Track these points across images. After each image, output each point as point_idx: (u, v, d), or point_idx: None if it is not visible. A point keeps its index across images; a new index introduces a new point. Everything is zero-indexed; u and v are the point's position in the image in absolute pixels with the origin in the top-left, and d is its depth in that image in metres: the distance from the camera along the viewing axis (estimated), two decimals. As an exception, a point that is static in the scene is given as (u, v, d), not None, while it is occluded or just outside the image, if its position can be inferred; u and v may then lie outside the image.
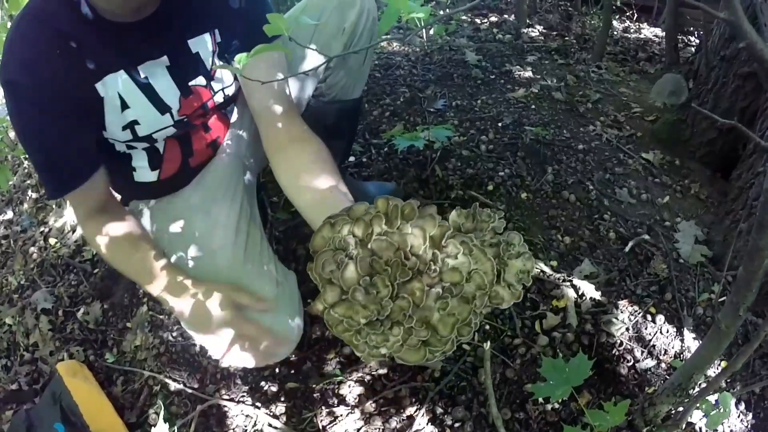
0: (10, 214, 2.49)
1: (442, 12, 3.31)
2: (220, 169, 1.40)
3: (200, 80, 1.25)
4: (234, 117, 1.46)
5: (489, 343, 1.16)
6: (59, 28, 1.03)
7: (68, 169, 1.15)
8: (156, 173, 1.35)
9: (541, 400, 1.45)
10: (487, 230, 0.86)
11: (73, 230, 2.18)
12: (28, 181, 2.59)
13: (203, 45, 1.23)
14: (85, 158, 1.17)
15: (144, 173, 1.34)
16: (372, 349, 0.78)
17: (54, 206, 2.35)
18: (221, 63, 1.26)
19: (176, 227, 1.31)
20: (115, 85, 1.13)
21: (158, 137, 1.26)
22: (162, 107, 1.21)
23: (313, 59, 1.41)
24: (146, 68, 1.16)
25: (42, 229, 2.29)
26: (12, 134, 2.80)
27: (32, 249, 2.23)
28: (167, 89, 1.20)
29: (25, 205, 2.48)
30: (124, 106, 1.15)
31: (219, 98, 1.32)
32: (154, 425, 1.52)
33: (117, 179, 1.33)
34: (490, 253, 0.82)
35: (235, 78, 1.32)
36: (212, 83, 1.28)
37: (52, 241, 2.18)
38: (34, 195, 2.49)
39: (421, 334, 0.78)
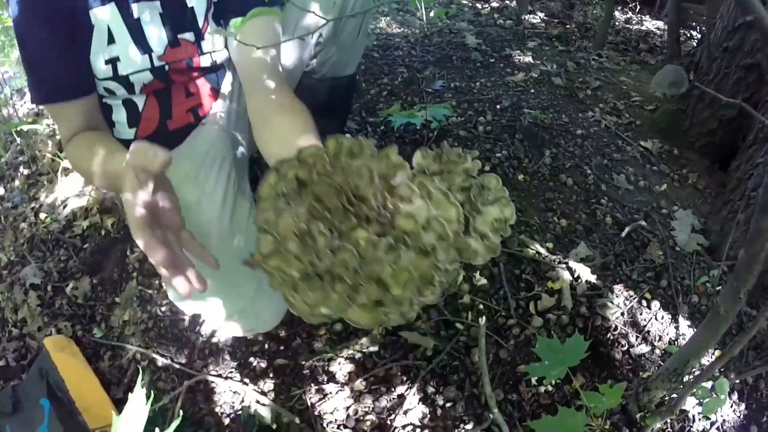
0: (1, 191, 2.46)
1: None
2: (209, 138, 1.37)
3: (189, 36, 1.24)
4: (227, 89, 1.43)
5: (484, 319, 1.12)
6: None
7: (58, 80, 1.14)
8: (133, 131, 1.33)
9: (534, 381, 1.43)
10: (458, 172, 0.74)
11: (64, 205, 2.14)
12: (20, 158, 2.56)
13: (200, 0, 1.22)
14: (75, 75, 1.15)
15: (123, 129, 1.32)
16: (310, 307, 0.66)
17: (46, 182, 2.32)
18: (215, 27, 1.23)
19: None
20: (105, 17, 1.13)
21: (135, 81, 1.23)
22: (144, 48, 1.19)
23: (308, 26, 1.38)
24: (139, 8, 1.16)
25: (33, 204, 2.26)
26: (4, 111, 2.77)
27: (23, 225, 2.20)
28: (155, 34, 1.20)
29: (17, 182, 2.45)
30: (111, 40, 1.16)
31: (206, 61, 1.30)
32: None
33: None
34: (457, 198, 0.69)
35: (226, 47, 1.30)
36: (201, 42, 1.26)
37: (42, 216, 2.15)
38: (26, 171, 2.46)
39: (370, 293, 0.65)
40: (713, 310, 1.12)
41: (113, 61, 1.18)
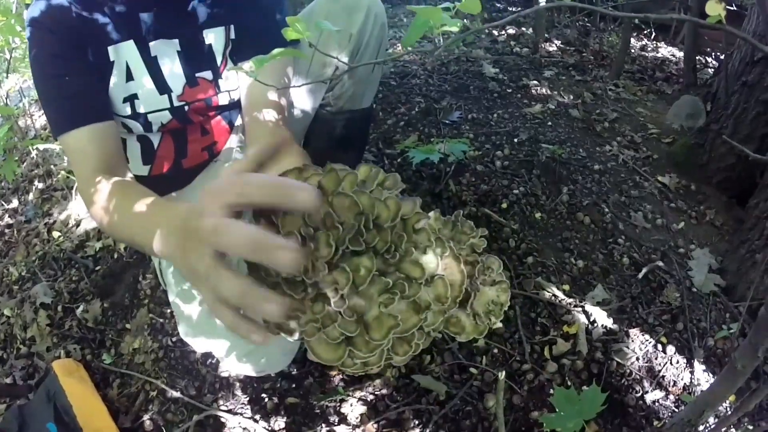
0: (15, 203, 2.46)
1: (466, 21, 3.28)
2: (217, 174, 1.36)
3: (208, 74, 1.23)
4: (238, 122, 1.42)
5: (503, 373, 1.10)
6: None
7: (79, 105, 1.10)
8: (147, 168, 1.32)
9: (546, 430, 1.41)
10: (466, 244, 0.72)
11: (78, 224, 2.14)
12: (35, 171, 2.56)
13: (218, 38, 1.21)
14: (96, 101, 1.13)
15: (136, 165, 1.31)
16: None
17: (60, 198, 2.32)
18: (232, 65, 1.23)
19: None
20: (124, 54, 1.13)
21: (153, 121, 1.22)
22: (163, 87, 1.19)
23: (324, 62, 1.37)
24: (157, 46, 1.16)
25: (46, 220, 2.26)
26: (21, 122, 2.78)
27: (35, 240, 2.20)
28: (173, 73, 1.19)
29: (31, 195, 2.45)
30: (129, 77, 1.15)
31: (224, 99, 1.29)
32: (150, 431, 1.48)
33: None
34: (464, 268, 0.67)
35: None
36: (219, 81, 1.25)
37: (55, 234, 2.15)
38: (41, 185, 2.47)
39: (347, 327, 0.60)
40: (731, 364, 1.10)
41: (131, 99, 1.17)
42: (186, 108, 1.24)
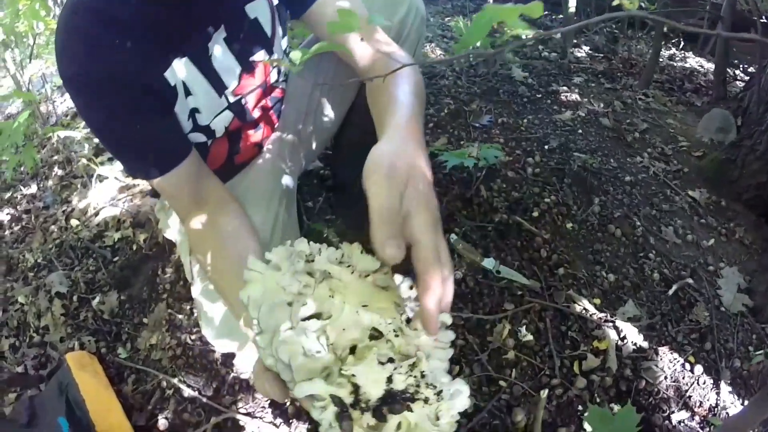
0: (34, 189, 2.43)
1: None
2: (257, 173, 1.32)
3: (261, 54, 1.17)
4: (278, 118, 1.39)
5: (546, 392, 1.05)
6: (116, 15, 0.92)
7: (159, 152, 1.03)
8: None
9: (573, 446, 1.37)
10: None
11: (96, 213, 2.11)
12: (56, 157, 2.53)
13: (262, 9, 1.14)
14: (175, 141, 1.05)
15: None
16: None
17: (79, 186, 2.29)
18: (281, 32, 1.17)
19: None
20: (180, 71, 1.04)
21: (217, 128, 1.17)
22: (219, 87, 1.11)
23: None
24: (211, 45, 1.07)
25: (64, 208, 2.22)
26: (43, 108, 2.75)
27: (52, 227, 2.16)
28: (226, 65, 1.11)
29: (50, 182, 2.42)
30: (188, 92, 1.07)
31: (274, 75, 1.24)
32: (164, 431, 1.44)
33: None
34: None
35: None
36: (272, 58, 1.20)
37: (73, 222, 2.12)
38: (60, 172, 2.44)
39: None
40: (764, 390, 1.07)
41: (193, 113, 1.11)
42: (243, 102, 1.19)
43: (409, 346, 0.66)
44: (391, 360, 0.63)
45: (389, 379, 0.62)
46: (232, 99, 1.16)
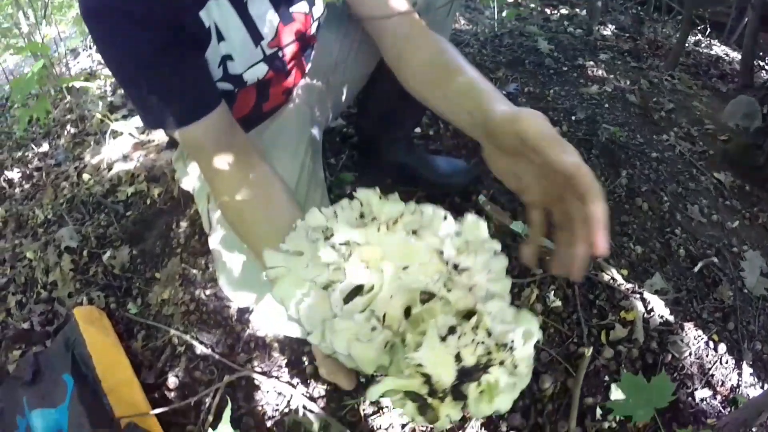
0: (45, 147, 2.38)
1: None
2: (285, 119, 1.26)
3: (302, 5, 1.09)
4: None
5: (591, 349, 0.99)
6: None
7: (189, 97, 0.93)
8: None
9: (598, 416, 1.32)
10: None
11: (109, 168, 2.05)
12: (68, 116, 2.48)
13: None
14: (205, 89, 0.96)
15: None
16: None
17: (92, 143, 2.24)
18: None
19: None
20: (215, 13, 0.95)
21: (249, 78, 1.08)
22: (255, 36, 1.03)
23: None
24: None
25: (77, 164, 2.17)
26: (56, 70, 2.69)
27: (64, 183, 2.11)
28: (263, 15, 1.02)
29: (62, 140, 2.37)
30: (220, 37, 0.98)
31: (314, 28, 1.17)
32: (174, 389, 1.39)
33: None
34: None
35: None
36: (314, 9, 1.12)
37: (85, 177, 2.07)
38: (73, 130, 2.38)
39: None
40: None
41: (224, 60, 1.02)
42: (280, 54, 1.11)
43: (465, 299, 0.62)
44: (452, 330, 0.59)
45: (458, 357, 0.58)
46: (268, 51, 1.08)
